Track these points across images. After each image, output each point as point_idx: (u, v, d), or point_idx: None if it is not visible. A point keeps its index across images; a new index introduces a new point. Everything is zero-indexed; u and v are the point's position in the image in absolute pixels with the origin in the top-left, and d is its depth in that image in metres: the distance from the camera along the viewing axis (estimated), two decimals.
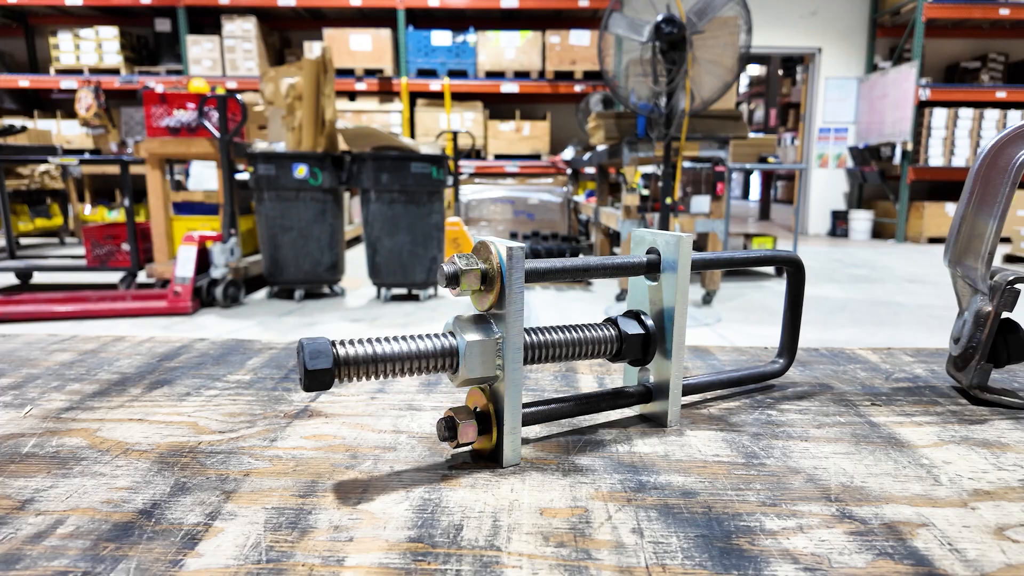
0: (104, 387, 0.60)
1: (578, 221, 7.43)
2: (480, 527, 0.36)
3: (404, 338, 0.42)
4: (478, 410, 0.45)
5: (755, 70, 15.89)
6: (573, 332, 0.47)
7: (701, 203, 4.18)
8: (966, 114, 7.79)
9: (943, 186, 8.67)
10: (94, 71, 8.45)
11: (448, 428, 0.43)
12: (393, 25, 8.25)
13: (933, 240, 7.80)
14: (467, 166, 7.97)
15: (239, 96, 4.41)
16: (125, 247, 4.61)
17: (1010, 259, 6.12)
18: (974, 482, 0.42)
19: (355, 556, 0.34)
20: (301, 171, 4.08)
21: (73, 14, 8.89)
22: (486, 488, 0.41)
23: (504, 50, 7.99)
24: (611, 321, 0.50)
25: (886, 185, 8.29)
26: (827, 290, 4.45)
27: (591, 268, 0.47)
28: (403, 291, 4.32)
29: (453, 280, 0.42)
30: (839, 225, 8.35)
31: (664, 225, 3.79)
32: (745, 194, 17.13)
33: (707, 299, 4.14)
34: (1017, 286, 0.54)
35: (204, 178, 6.87)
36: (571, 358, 0.47)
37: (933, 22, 8.09)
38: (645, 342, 0.49)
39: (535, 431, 0.50)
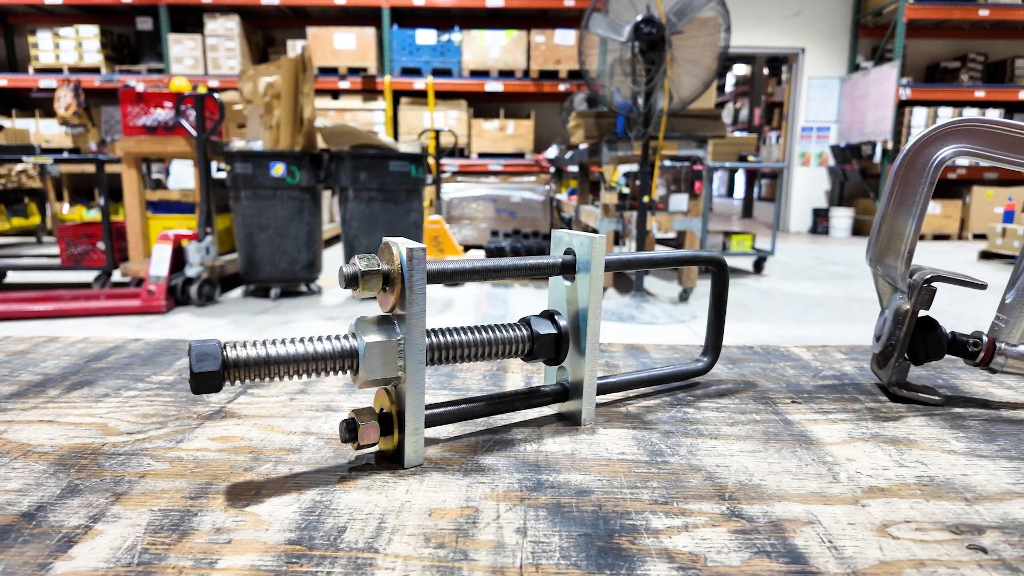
0: (23, 388, 0.59)
1: (561, 219, 7.44)
2: (364, 529, 0.36)
3: (302, 340, 0.42)
4: (384, 411, 0.44)
5: (741, 70, 15.98)
6: (481, 333, 0.47)
7: (679, 201, 4.19)
8: (945, 113, 7.88)
9: None
10: (74, 70, 8.35)
11: (349, 430, 0.43)
12: (378, 24, 8.22)
13: None
14: (450, 164, 7.95)
15: (216, 95, 4.37)
16: (101, 246, 4.56)
17: (985, 255, 6.20)
18: (872, 479, 0.43)
19: (228, 558, 0.33)
20: (278, 170, 4.05)
21: (53, 13, 8.77)
22: (382, 490, 0.41)
23: (489, 49, 7.98)
24: (525, 321, 0.49)
25: (867, 183, 8.37)
26: (803, 287, 4.49)
27: (503, 269, 0.47)
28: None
29: (352, 281, 0.41)
30: (820, 223, 8.43)
31: (642, 223, 3.80)
32: (730, 192, 17.23)
33: (684, 296, 4.16)
34: (933, 284, 0.55)
35: (184, 177, 6.80)
36: (480, 358, 0.47)
37: (914, 23, 8.18)
38: (557, 341, 0.49)
39: (448, 431, 0.50)
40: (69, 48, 8.28)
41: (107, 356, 0.69)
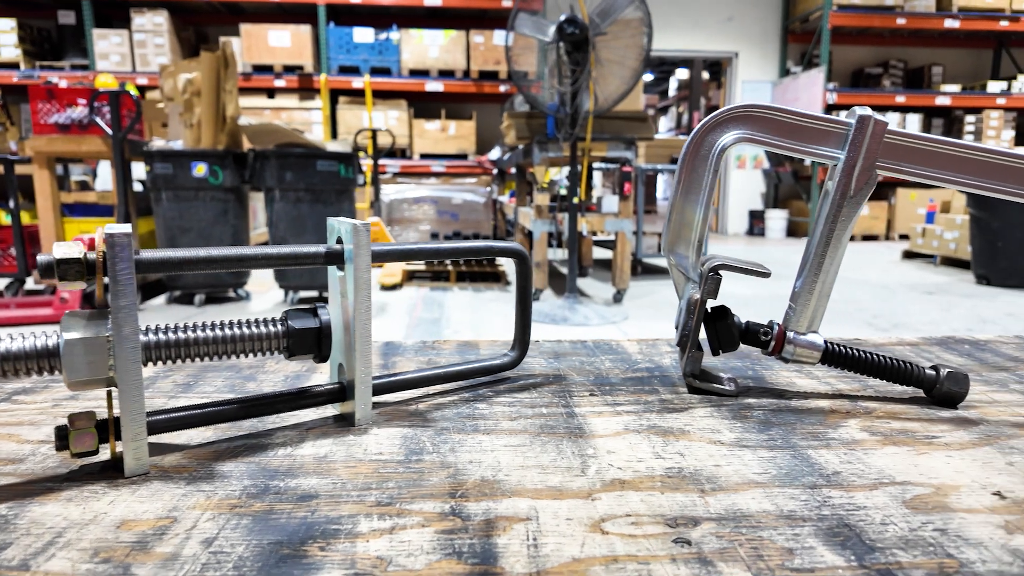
0: None
1: (505, 221, 7.45)
2: (31, 545, 0.33)
3: None
4: (104, 417, 0.41)
5: (684, 74, 16.35)
6: (221, 330, 0.44)
7: (611, 203, 4.24)
8: None
9: None
10: None
11: (60, 437, 0.39)
12: (314, 21, 8.05)
13: None
14: (392, 165, 7.86)
15: (132, 91, 4.19)
16: (13, 251, 4.31)
17: (908, 254, 6.49)
18: (620, 472, 0.42)
19: None
20: (200, 170, 3.91)
21: None
22: (85, 501, 0.37)
23: (428, 48, 7.92)
24: (286, 315, 0.47)
25: (799, 185, 8.67)
26: (733, 287, 4.60)
27: (247, 258, 0.44)
28: (313, 293, 4.20)
29: (47, 271, 0.38)
30: (756, 224, 8.68)
31: (572, 224, 3.82)
32: None
33: (617, 297, 4.20)
34: (719, 273, 0.54)
35: (112, 178, 6.52)
36: (222, 356, 0.44)
37: (838, 30, 8.51)
38: (318, 336, 0.47)
39: (205, 435, 0.47)
40: None
41: None
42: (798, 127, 0.53)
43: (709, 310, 0.57)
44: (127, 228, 0.39)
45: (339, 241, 0.49)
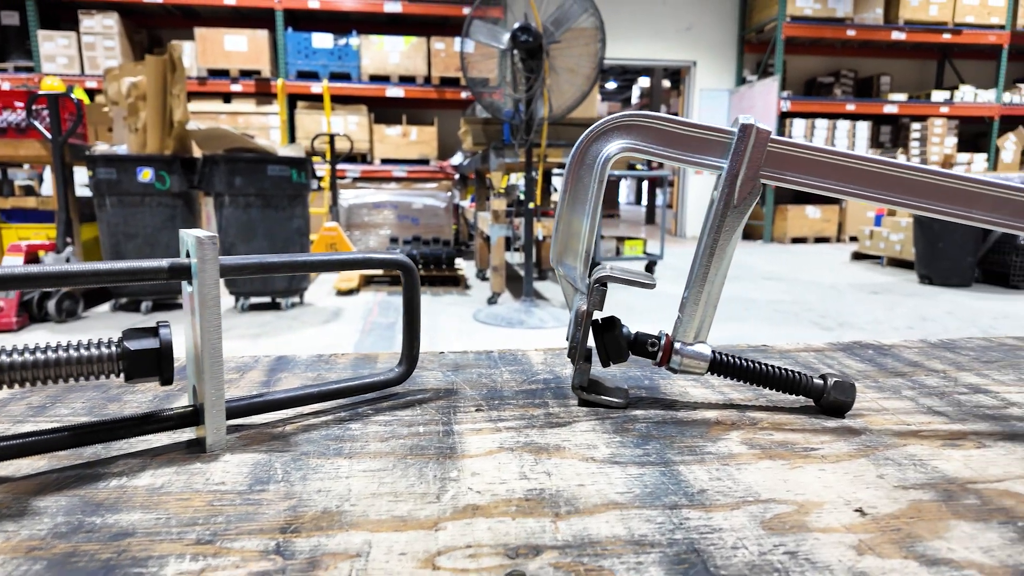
0: None
1: (468, 226, 7.42)
2: None
3: None
4: None
5: (646, 82, 16.57)
6: (39, 354, 0.40)
7: None
8: (822, 124, 8.45)
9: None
10: None
11: None
12: (271, 26, 7.93)
13: (796, 240, 8.40)
14: (352, 170, 7.77)
15: (76, 95, 4.05)
16: None
17: (857, 256, 6.67)
18: (478, 496, 0.39)
19: None
20: (146, 175, 3.79)
21: None
22: None
23: (389, 54, 7.86)
24: (122, 335, 0.43)
25: None
26: (675, 289, 4.65)
27: (71, 275, 0.41)
28: (265, 300, 4.10)
29: None
30: None
31: (528, 229, 3.82)
32: (638, 200, 17.82)
33: None
34: (605, 285, 0.53)
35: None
36: (45, 382, 0.40)
37: (792, 40, 8.73)
38: (157, 358, 0.43)
39: (37, 466, 0.43)
40: None
41: None
42: (682, 136, 0.52)
43: (600, 321, 0.55)
44: None
45: (189, 255, 0.45)
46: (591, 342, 0.55)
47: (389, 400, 0.56)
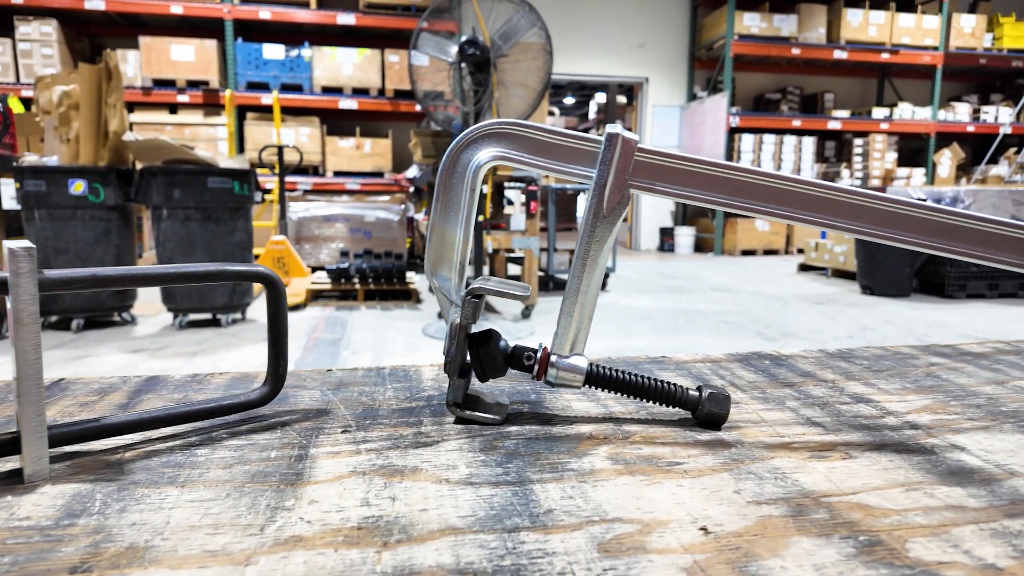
0: None
1: (422, 239, 7.36)
2: None
3: None
4: None
5: (603, 98, 16.83)
6: None
7: (518, 221, 4.26)
8: (769, 139, 8.71)
9: None
10: None
11: None
12: (220, 36, 7.77)
13: (746, 252, 8.60)
14: (303, 183, 7.64)
15: (8, 102, 3.88)
16: None
17: (803, 267, 6.86)
18: (308, 526, 0.37)
19: None
20: (79, 187, 3.65)
21: None
22: None
23: (342, 66, 7.79)
24: None
25: None
26: (638, 300, 4.70)
27: None
28: (205, 316, 3.98)
29: None
30: (666, 241, 8.98)
31: (478, 242, 3.80)
32: None
33: (526, 313, 4.21)
34: (477, 297, 0.51)
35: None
36: None
37: (740, 57, 9.00)
38: None
39: None
40: None
41: None
42: (551, 145, 0.51)
43: (476, 335, 0.53)
44: None
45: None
46: (468, 356, 0.53)
47: (252, 423, 0.53)
